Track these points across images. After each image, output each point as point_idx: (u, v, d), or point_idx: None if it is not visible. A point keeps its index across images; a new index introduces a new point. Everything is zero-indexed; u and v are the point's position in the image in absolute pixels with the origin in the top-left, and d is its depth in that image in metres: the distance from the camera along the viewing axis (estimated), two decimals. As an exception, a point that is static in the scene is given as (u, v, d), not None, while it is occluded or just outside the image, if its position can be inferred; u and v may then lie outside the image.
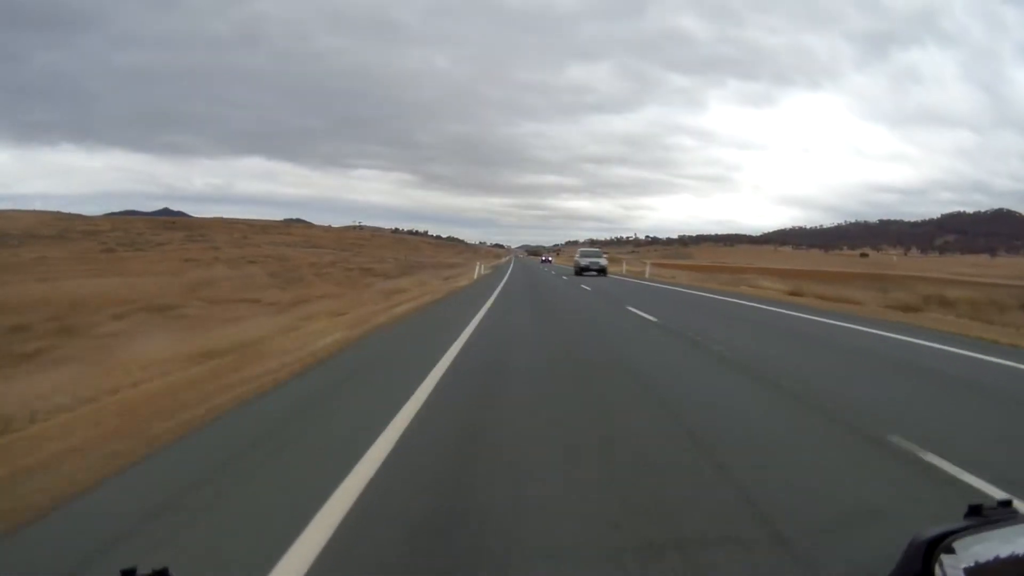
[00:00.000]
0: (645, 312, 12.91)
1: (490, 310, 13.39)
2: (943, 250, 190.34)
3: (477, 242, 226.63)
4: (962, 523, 0.66)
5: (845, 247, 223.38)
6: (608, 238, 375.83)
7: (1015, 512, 0.68)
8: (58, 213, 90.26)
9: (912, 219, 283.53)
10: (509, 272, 34.24)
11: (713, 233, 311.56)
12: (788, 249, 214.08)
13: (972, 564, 0.61)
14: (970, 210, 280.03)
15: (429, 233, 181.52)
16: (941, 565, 0.61)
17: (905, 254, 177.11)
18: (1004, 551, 0.62)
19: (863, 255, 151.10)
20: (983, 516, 0.67)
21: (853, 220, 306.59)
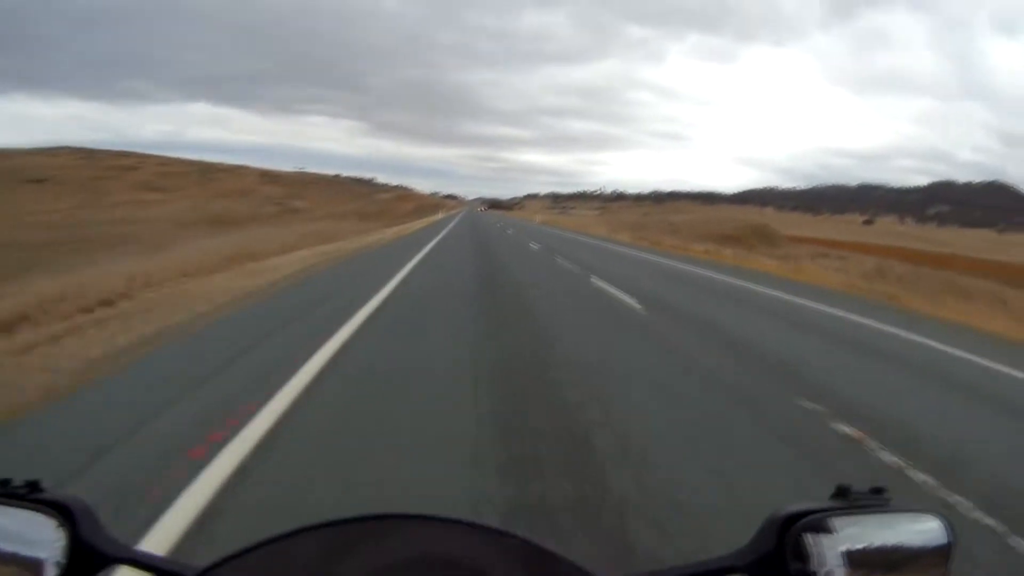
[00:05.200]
0: None
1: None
2: (940, 221, 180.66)
3: (429, 192, 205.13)
4: (827, 504, 0.64)
5: (825, 211, 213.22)
6: (571, 192, 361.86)
7: (886, 500, 0.65)
8: None
9: (896, 185, 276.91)
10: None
11: (678, 191, 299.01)
12: (771, 211, 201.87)
13: (836, 548, 0.60)
14: (960, 180, 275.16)
15: (376, 180, 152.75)
16: (804, 544, 0.60)
17: (901, 222, 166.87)
18: (871, 540, 0.62)
19: (867, 222, 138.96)
20: (850, 499, 0.64)
21: (832, 183, 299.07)
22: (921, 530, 0.65)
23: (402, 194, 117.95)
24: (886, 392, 5.58)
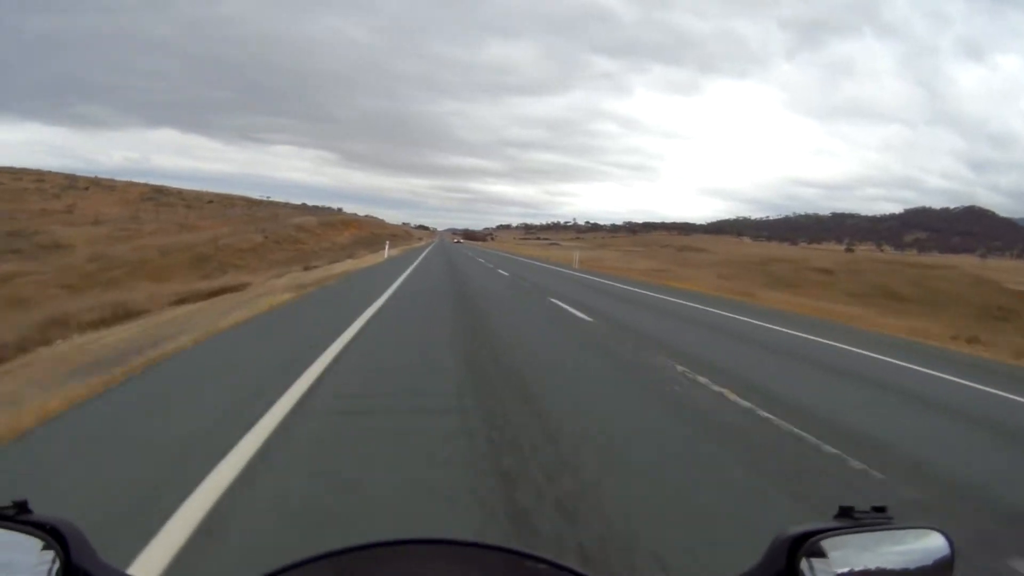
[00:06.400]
0: None
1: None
2: (920, 248, 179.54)
3: (400, 222, 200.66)
4: (831, 523, 0.65)
5: (802, 241, 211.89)
6: (543, 223, 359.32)
7: (888, 518, 0.67)
8: None
9: (868, 214, 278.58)
10: None
11: (651, 221, 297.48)
12: (747, 240, 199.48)
13: (843, 567, 0.62)
14: (936, 206, 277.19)
15: (343, 210, 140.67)
16: (809, 564, 0.62)
17: (880, 250, 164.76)
18: (875, 558, 0.63)
19: (849, 250, 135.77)
20: (854, 519, 0.66)
21: (803, 212, 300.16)
22: (924, 545, 0.67)
23: (338, 219, 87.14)
24: None
